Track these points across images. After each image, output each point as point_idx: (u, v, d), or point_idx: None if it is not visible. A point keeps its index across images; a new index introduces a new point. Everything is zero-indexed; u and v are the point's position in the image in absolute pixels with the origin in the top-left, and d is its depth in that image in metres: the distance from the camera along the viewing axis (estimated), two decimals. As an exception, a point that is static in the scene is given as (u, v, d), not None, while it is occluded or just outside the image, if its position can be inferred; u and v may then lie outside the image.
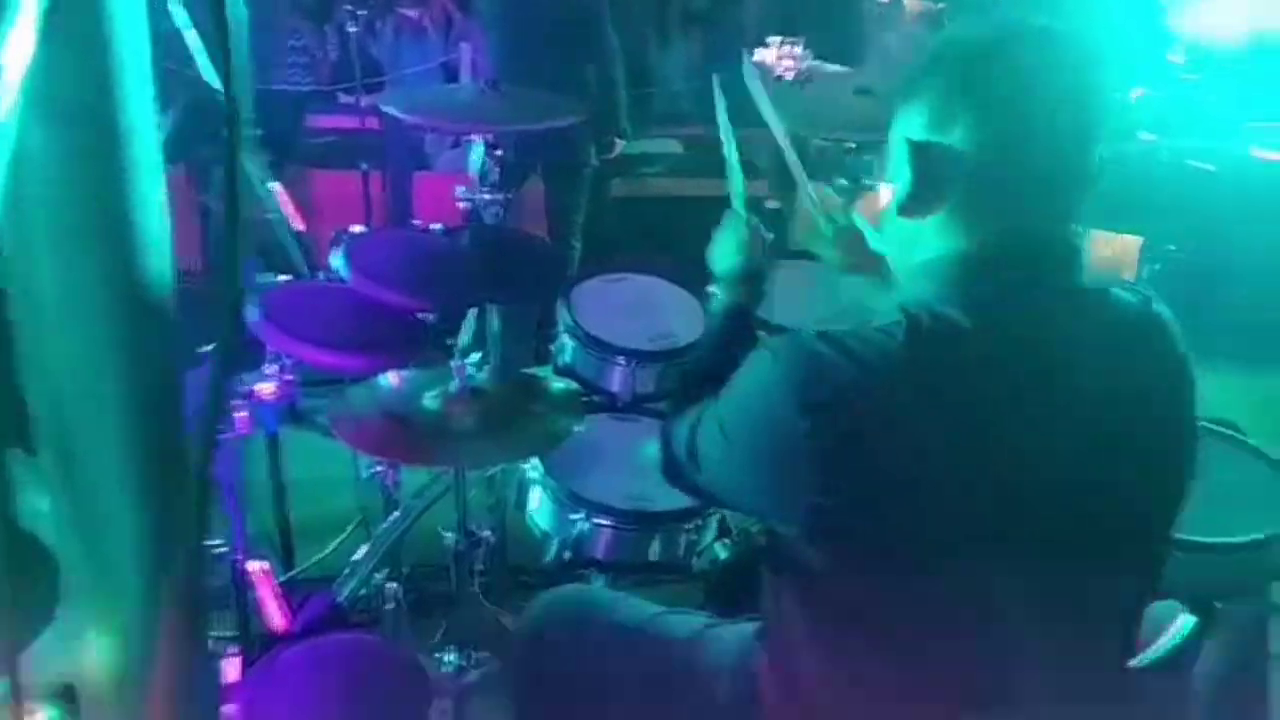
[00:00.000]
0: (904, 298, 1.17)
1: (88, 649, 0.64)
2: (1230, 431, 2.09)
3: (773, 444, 1.19)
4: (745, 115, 1.92)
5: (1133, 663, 1.27)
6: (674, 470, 1.44)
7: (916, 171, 1.16)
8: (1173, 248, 3.08)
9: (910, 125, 1.17)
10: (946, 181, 1.14)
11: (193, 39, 2.60)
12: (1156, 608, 1.30)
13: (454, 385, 1.98)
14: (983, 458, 1.11)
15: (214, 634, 2.02)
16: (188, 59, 2.68)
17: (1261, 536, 1.83)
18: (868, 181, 3.02)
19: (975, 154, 1.13)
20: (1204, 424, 1.29)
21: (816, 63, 3.09)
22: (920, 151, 1.15)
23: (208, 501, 0.62)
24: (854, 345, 1.12)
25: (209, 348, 0.61)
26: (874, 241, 1.29)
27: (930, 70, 1.18)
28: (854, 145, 3.08)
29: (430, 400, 1.98)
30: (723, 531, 2.10)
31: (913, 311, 1.13)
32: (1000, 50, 1.15)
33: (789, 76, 3.28)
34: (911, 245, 1.21)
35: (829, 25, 3.74)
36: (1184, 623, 1.28)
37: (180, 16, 2.43)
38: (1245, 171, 3.57)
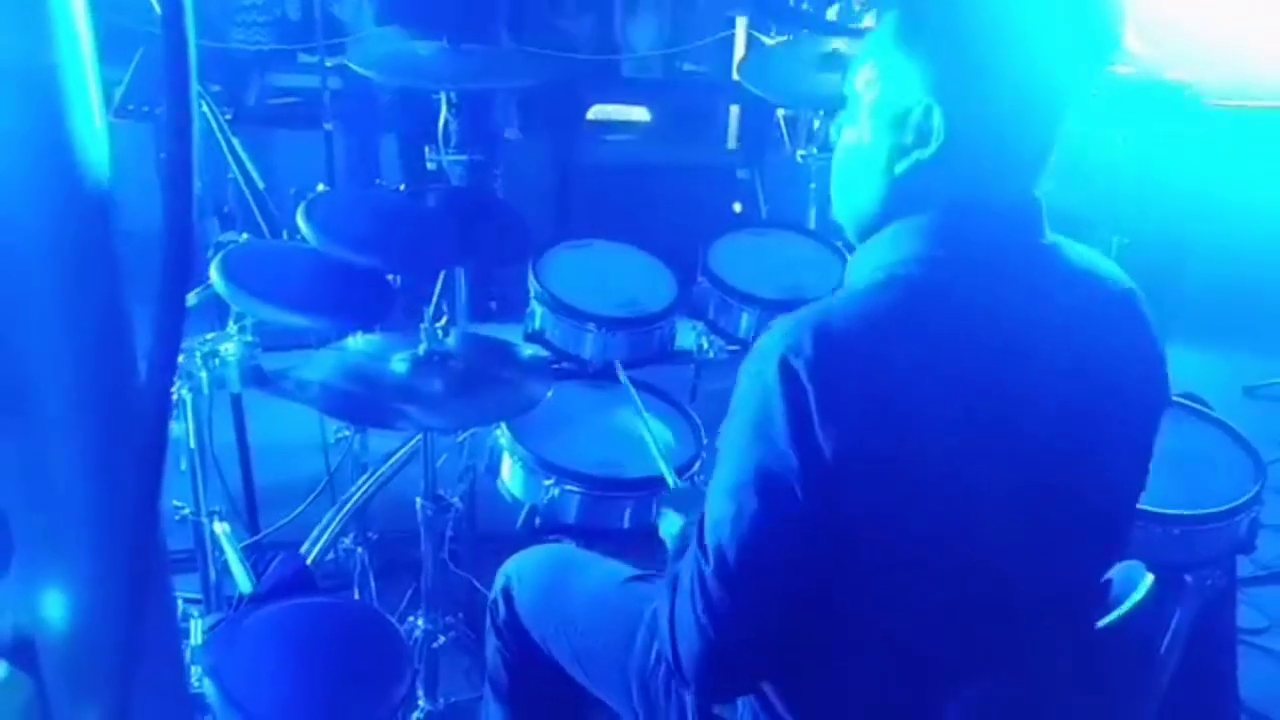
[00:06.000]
0: (875, 261, 1.16)
1: (44, 604, 0.62)
2: (1196, 405, 2.12)
3: (772, 418, 1.08)
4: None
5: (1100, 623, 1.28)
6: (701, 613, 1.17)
7: (918, 133, 1.12)
8: (1136, 220, 3.10)
9: (910, 83, 1.12)
10: (952, 146, 1.11)
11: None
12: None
13: (422, 349, 1.95)
14: (981, 398, 1.10)
15: (179, 596, 1.99)
16: (145, 11, 2.61)
17: (1228, 508, 1.86)
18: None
19: (981, 116, 1.11)
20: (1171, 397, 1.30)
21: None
22: (946, 115, 1.11)
23: (161, 454, 0.60)
24: (844, 306, 1.11)
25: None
26: (845, 195, 1.25)
27: (929, 25, 1.13)
28: (822, 113, 3.09)
29: (398, 363, 1.95)
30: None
31: (892, 271, 1.12)
32: (999, 11, 1.12)
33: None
34: (890, 204, 1.17)
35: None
36: (1145, 581, 1.29)
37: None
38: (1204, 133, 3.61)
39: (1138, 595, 1.31)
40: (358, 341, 2.06)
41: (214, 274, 2.10)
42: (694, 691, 1.28)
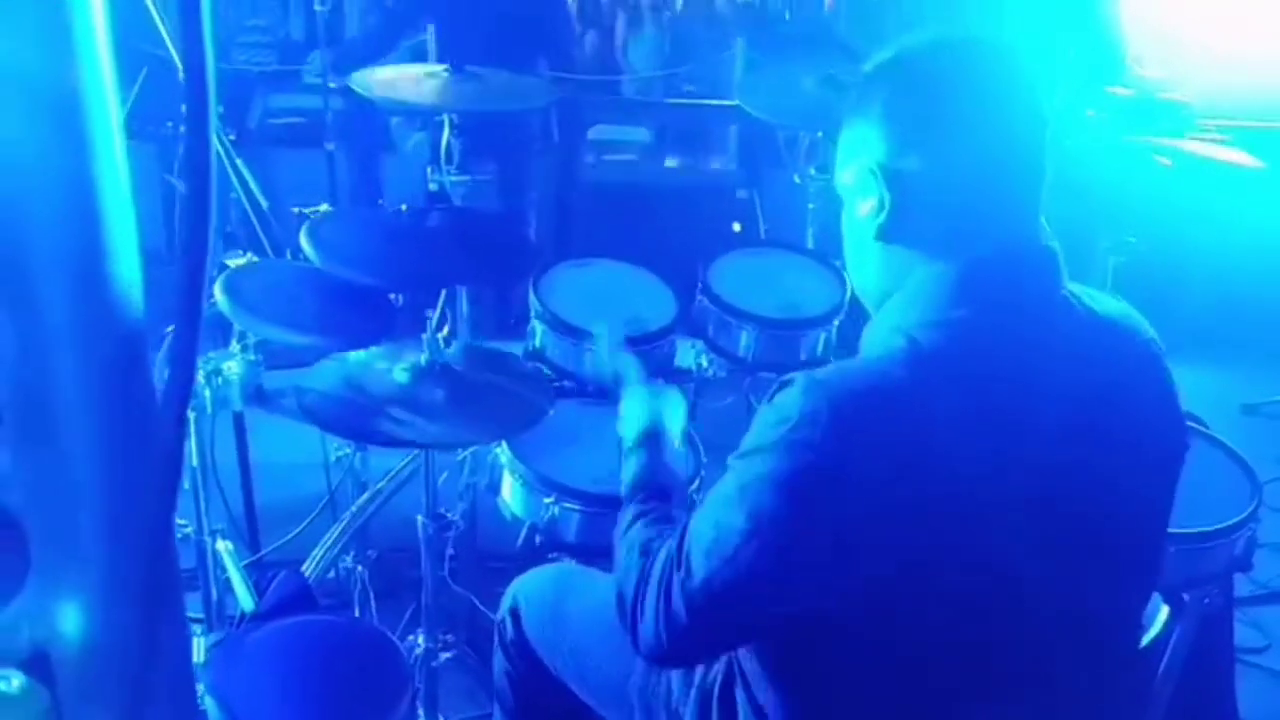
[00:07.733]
0: (892, 323, 1.16)
1: (60, 617, 0.63)
2: (1193, 424, 2.12)
3: (807, 485, 1.10)
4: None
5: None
6: (651, 604, 1.22)
7: (895, 197, 1.15)
8: (1133, 240, 3.11)
9: (870, 148, 1.17)
10: (924, 204, 1.15)
11: (155, 9, 2.57)
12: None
13: (423, 366, 1.96)
14: (997, 468, 1.10)
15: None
16: (150, 31, 2.64)
17: (1224, 526, 1.86)
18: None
19: (943, 172, 1.14)
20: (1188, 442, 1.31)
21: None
22: (895, 177, 1.15)
23: (176, 471, 0.61)
24: (862, 375, 1.13)
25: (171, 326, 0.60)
26: (852, 270, 1.28)
27: (880, 91, 1.18)
28: (821, 134, 3.11)
29: (398, 382, 1.96)
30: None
31: (910, 335, 1.12)
32: (949, 66, 1.17)
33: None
34: (889, 270, 1.20)
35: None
36: (1164, 613, 1.30)
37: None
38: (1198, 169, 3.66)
39: (1155, 629, 1.32)
40: (359, 354, 2.06)
41: (218, 293, 2.11)
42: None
